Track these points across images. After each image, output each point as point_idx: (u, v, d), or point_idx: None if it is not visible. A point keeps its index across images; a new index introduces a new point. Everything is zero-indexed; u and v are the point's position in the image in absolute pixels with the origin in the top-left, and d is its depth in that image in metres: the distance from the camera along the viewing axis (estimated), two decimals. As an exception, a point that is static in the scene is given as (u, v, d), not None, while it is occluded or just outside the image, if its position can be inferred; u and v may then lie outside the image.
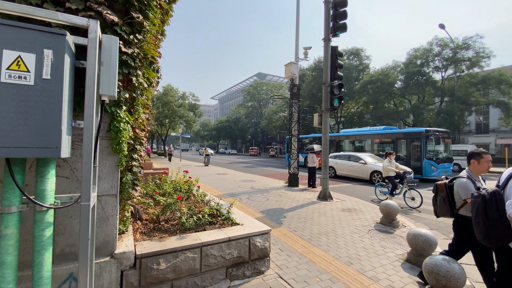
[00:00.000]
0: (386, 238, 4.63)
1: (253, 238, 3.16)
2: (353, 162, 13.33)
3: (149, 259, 2.56)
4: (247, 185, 10.25)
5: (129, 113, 2.64)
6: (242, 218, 3.73)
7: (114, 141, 2.39)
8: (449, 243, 3.15)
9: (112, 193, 2.47)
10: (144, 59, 2.67)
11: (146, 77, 2.79)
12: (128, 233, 2.92)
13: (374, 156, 13.45)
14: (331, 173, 14.29)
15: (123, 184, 2.69)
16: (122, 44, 2.30)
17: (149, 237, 3.01)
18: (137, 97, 2.65)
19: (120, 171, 2.64)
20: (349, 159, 13.77)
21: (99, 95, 2.07)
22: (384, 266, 3.53)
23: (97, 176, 2.13)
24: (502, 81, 21.20)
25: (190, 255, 2.74)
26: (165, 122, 32.80)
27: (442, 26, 22.20)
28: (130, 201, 4.03)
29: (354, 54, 32.44)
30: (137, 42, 2.44)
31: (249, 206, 6.65)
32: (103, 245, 2.45)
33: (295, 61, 10.28)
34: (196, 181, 5.32)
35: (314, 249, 4.01)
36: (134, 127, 2.73)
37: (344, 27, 7.39)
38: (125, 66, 2.37)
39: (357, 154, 13.64)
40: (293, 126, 10.47)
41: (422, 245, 3.56)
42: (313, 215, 5.96)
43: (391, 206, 5.24)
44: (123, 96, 2.42)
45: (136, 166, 2.83)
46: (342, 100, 7.96)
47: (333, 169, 14.27)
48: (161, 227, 3.37)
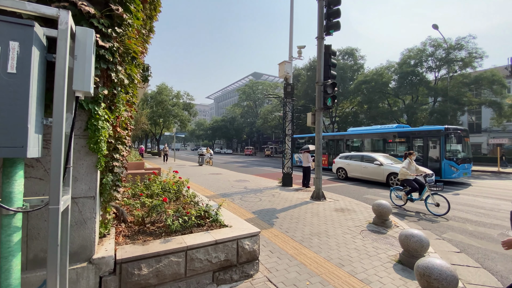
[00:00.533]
0: (379, 238, 4.57)
1: (241, 240, 3.06)
2: (367, 163, 12.14)
3: (130, 264, 2.44)
4: (240, 185, 10.14)
5: (110, 110, 2.51)
6: (231, 220, 3.62)
7: (91, 140, 2.27)
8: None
9: (90, 195, 2.34)
10: (125, 54, 2.55)
11: (128, 73, 2.66)
12: (110, 237, 2.79)
13: (389, 157, 12.35)
14: (342, 174, 13.47)
15: (104, 185, 2.55)
16: (100, 37, 2.18)
17: (133, 240, 2.89)
18: (118, 94, 2.52)
19: (100, 171, 2.52)
20: (362, 160, 12.58)
21: (72, 90, 1.94)
22: (376, 268, 3.46)
23: (70, 177, 1.99)
24: (494, 81, 21.41)
25: (174, 259, 2.62)
26: (159, 122, 32.47)
27: (436, 27, 22.35)
28: (115, 202, 3.90)
29: (348, 54, 32.53)
30: (116, 36, 2.31)
31: (241, 207, 6.55)
32: (81, 250, 2.33)
33: (289, 60, 10.19)
34: (186, 182, 5.20)
35: (305, 251, 3.92)
36: (115, 126, 2.60)
37: (338, 26, 7.33)
38: (103, 61, 2.25)
39: (371, 155, 12.42)
40: (287, 125, 10.39)
41: (414, 246, 3.50)
42: (305, 215, 5.89)
43: (384, 206, 5.18)
44: (101, 93, 2.29)
45: (117, 166, 2.70)
46: (336, 99, 7.90)
47: (344, 170, 13.34)
48: (146, 230, 3.24)
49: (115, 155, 2.66)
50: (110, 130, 2.49)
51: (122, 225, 3.32)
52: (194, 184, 10.31)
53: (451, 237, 5.03)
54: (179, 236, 2.94)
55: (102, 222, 2.78)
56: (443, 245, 4.55)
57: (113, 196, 2.75)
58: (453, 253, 4.25)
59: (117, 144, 2.67)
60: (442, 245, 4.58)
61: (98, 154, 2.32)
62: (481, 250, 4.41)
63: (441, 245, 4.57)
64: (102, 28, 2.21)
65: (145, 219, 3.41)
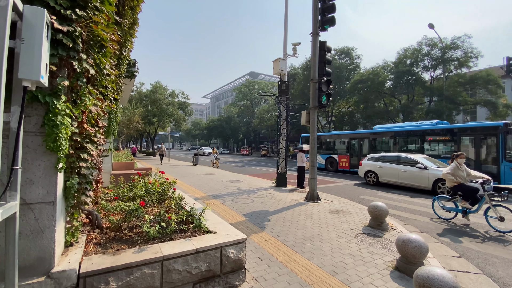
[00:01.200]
0: (375, 242, 4.34)
1: (225, 248, 2.79)
2: (406, 166, 10.18)
3: (96, 278, 2.16)
4: (233, 186, 9.87)
5: (74, 104, 2.23)
6: (217, 225, 3.36)
7: (49, 138, 1.98)
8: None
9: (49, 200, 2.06)
10: (92, 41, 2.26)
11: (97, 63, 2.38)
12: (78, 246, 2.51)
13: (430, 158, 10.55)
14: (371, 179, 11.50)
15: (68, 188, 2.27)
16: (56, 19, 1.90)
17: (105, 249, 2.61)
18: (83, 86, 2.24)
19: (63, 173, 2.24)
20: (398, 162, 10.60)
21: (19, 79, 1.67)
22: (372, 276, 3.22)
23: (18, 181, 1.71)
24: (489, 81, 21.44)
25: (148, 271, 2.35)
26: (154, 121, 32.01)
27: (432, 26, 22.27)
28: (89, 206, 3.61)
29: (345, 53, 32.38)
30: (78, 19, 2.02)
31: (232, 209, 6.28)
32: (37, 263, 2.04)
33: (283, 57, 9.94)
34: (173, 183, 4.92)
35: (297, 257, 3.67)
36: (81, 122, 2.32)
37: (333, 21, 7.09)
38: (61, 47, 1.96)
39: (410, 156, 10.42)
40: (282, 124, 10.14)
41: (412, 252, 3.27)
42: (299, 217, 5.64)
43: (380, 208, 4.96)
44: (61, 84, 2.01)
45: (86, 167, 2.42)
46: (331, 97, 7.66)
47: (374, 174, 11.37)
48: (122, 237, 2.96)
49: (82, 155, 2.37)
50: (74, 126, 2.21)
51: (96, 231, 3.03)
52: (186, 185, 10.02)
53: (449, 239, 4.83)
54: (156, 245, 2.67)
55: (69, 230, 2.50)
56: (442, 249, 4.34)
57: (81, 200, 2.47)
58: (452, 257, 4.04)
59: (84, 142, 2.39)
60: (441, 249, 4.36)
61: (57, 153, 2.03)
62: (481, 255, 4.20)
63: (440, 249, 4.36)
64: (61, 9, 1.93)
65: (121, 224, 3.13)
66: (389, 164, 10.94)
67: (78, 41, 2.05)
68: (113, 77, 2.94)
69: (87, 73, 2.24)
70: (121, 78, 4.73)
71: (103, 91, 3.03)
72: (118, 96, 4.46)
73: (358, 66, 32.35)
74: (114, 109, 4.59)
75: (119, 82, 4.46)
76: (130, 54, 5.50)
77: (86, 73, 2.24)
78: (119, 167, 9.68)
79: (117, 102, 4.93)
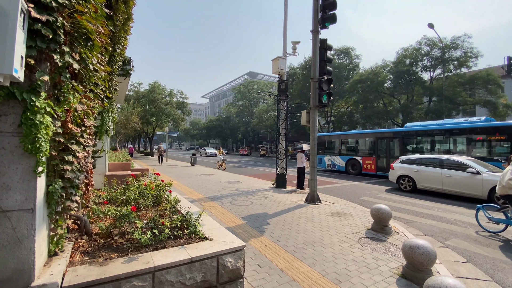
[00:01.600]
0: (379, 247, 4.17)
1: (222, 257, 2.61)
2: (452, 171, 8.69)
3: (80, 292, 1.97)
4: (232, 187, 9.68)
5: (57, 102, 2.04)
6: (213, 230, 3.17)
7: (27, 139, 1.80)
8: None
9: (27, 208, 1.87)
10: (77, 33, 2.08)
11: (83, 57, 2.19)
12: (62, 255, 2.32)
13: (478, 161, 8.89)
14: (406, 185, 9.99)
15: (50, 194, 2.09)
16: (34, 8, 1.71)
17: (92, 258, 2.42)
18: (66, 82, 2.05)
19: (44, 177, 2.05)
20: (441, 166, 9.07)
21: (-12, 73, 1.48)
22: (377, 284, 3.06)
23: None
24: (489, 81, 21.36)
25: (137, 283, 2.17)
26: (152, 121, 31.76)
27: (431, 26, 22.16)
28: (83, 210, 3.42)
29: (344, 53, 32.26)
30: (59, 7, 1.84)
31: (230, 212, 6.09)
32: (15, 276, 1.85)
33: (283, 55, 9.77)
34: (169, 185, 4.74)
35: (298, 264, 3.50)
36: (65, 121, 2.14)
37: (334, 18, 6.92)
38: (40, 38, 1.78)
39: (458, 159, 8.90)
40: (281, 124, 9.96)
41: (420, 258, 3.10)
42: (299, 220, 5.47)
43: (384, 211, 4.80)
44: (40, 79, 1.82)
45: (71, 170, 2.23)
46: (331, 96, 7.50)
47: (410, 179, 9.85)
48: (112, 244, 2.77)
49: (67, 157, 2.19)
50: (56, 126, 2.02)
51: (84, 238, 2.84)
52: (183, 186, 9.83)
53: (455, 244, 4.66)
54: (147, 253, 2.48)
55: (53, 238, 2.31)
56: (448, 254, 4.18)
57: (66, 206, 2.28)
58: (459, 263, 3.88)
59: (69, 143, 2.20)
60: (447, 254, 4.20)
61: (36, 156, 1.85)
62: (489, 260, 4.05)
63: (446, 254, 4.20)
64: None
65: (112, 230, 2.94)
66: (429, 168, 9.38)
67: (59, 32, 1.86)
68: (102, 73, 2.75)
69: (71, 68, 2.06)
70: (115, 76, 4.54)
71: (93, 89, 2.85)
72: (111, 94, 4.26)
73: (357, 66, 32.24)
74: (107, 108, 4.40)
75: (112, 80, 4.27)
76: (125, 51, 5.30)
77: (70, 68, 2.06)
78: (115, 167, 9.45)
79: (111, 100, 4.73)
